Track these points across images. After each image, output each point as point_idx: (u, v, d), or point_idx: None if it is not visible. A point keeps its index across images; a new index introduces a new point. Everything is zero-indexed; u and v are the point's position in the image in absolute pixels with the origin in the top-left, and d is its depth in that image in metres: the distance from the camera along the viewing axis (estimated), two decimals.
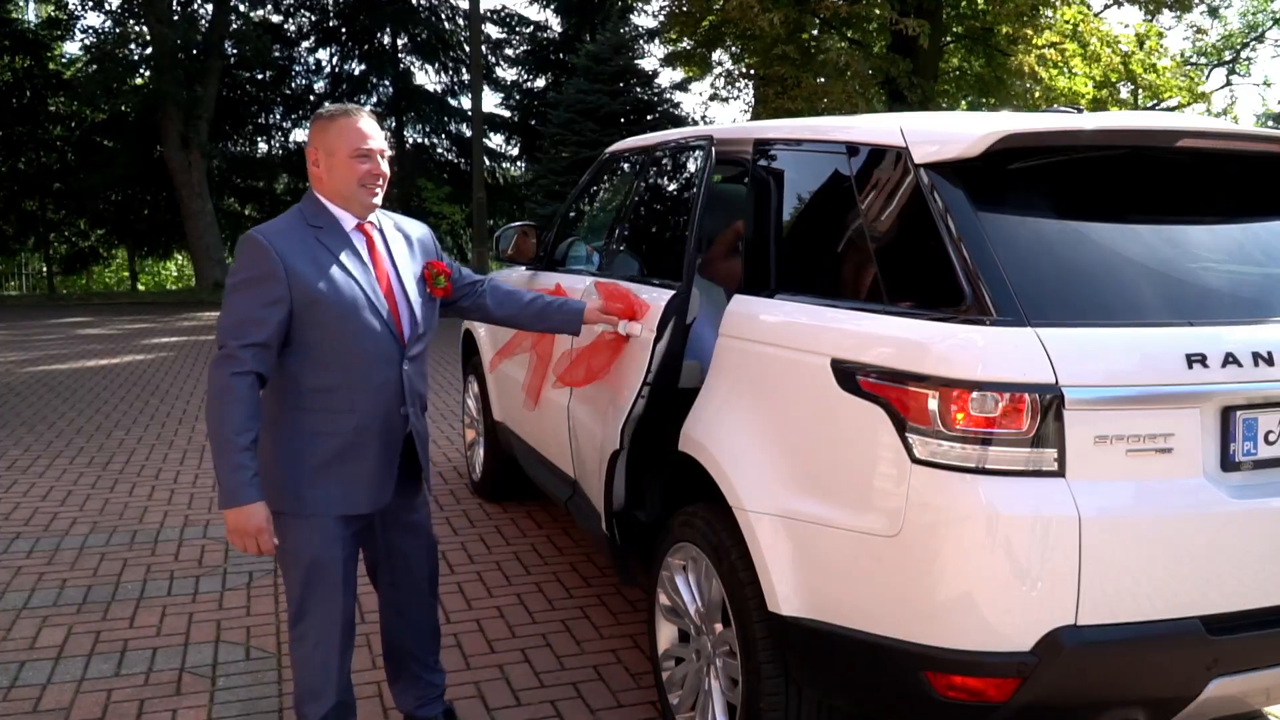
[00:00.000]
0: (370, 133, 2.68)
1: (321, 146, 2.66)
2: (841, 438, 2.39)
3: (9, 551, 4.87)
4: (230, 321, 2.53)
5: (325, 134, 2.67)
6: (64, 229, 24.85)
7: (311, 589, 2.73)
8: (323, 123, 2.68)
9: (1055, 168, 2.49)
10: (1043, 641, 2.11)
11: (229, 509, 2.53)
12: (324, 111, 2.71)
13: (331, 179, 2.67)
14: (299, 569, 2.73)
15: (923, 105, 15.05)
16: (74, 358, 11.54)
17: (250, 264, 2.55)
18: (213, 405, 2.51)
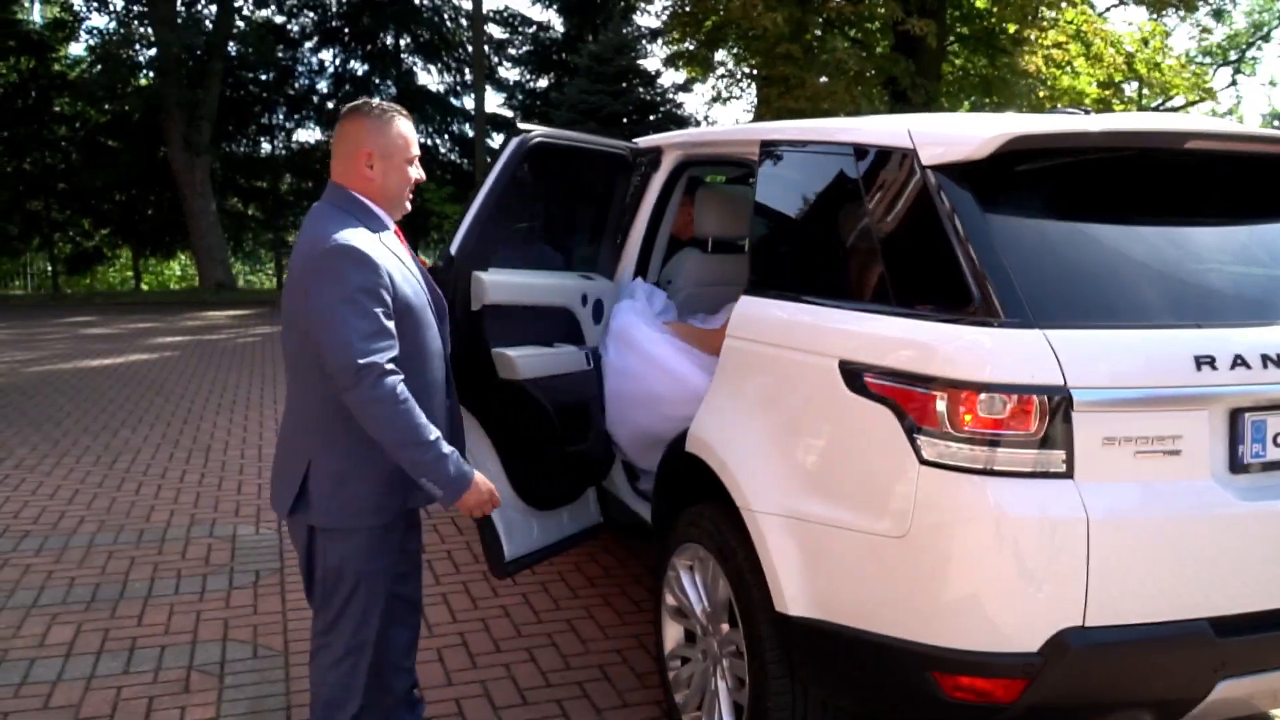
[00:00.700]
0: (415, 138, 2.64)
1: (377, 148, 2.53)
2: (849, 439, 2.40)
3: (18, 550, 4.89)
4: (362, 335, 2.33)
5: (383, 135, 2.54)
6: (68, 229, 24.88)
7: (356, 601, 2.60)
8: (379, 124, 2.53)
9: (1063, 169, 2.50)
10: (1050, 642, 2.12)
11: (463, 493, 2.48)
12: (373, 110, 2.55)
13: (385, 182, 2.55)
14: (348, 582, 2.58)
15: (926, 106, 15.05)
16: (79, 357, 11.56)
17: (360, 275, 2.36)
18: (391, 417, 2.35)
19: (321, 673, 2.67)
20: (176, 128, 20.41)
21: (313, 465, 2.50)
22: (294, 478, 2.53)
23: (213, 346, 12.60)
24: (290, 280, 2.50)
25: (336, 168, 2.56)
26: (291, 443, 2.57)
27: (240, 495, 5.84)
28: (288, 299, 2.49)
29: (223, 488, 6.00)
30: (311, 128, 26.34)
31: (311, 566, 2.62)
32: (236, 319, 16.25)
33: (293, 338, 2.51)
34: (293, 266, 2.51)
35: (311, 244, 2.42)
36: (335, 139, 2.58)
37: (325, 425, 2.49)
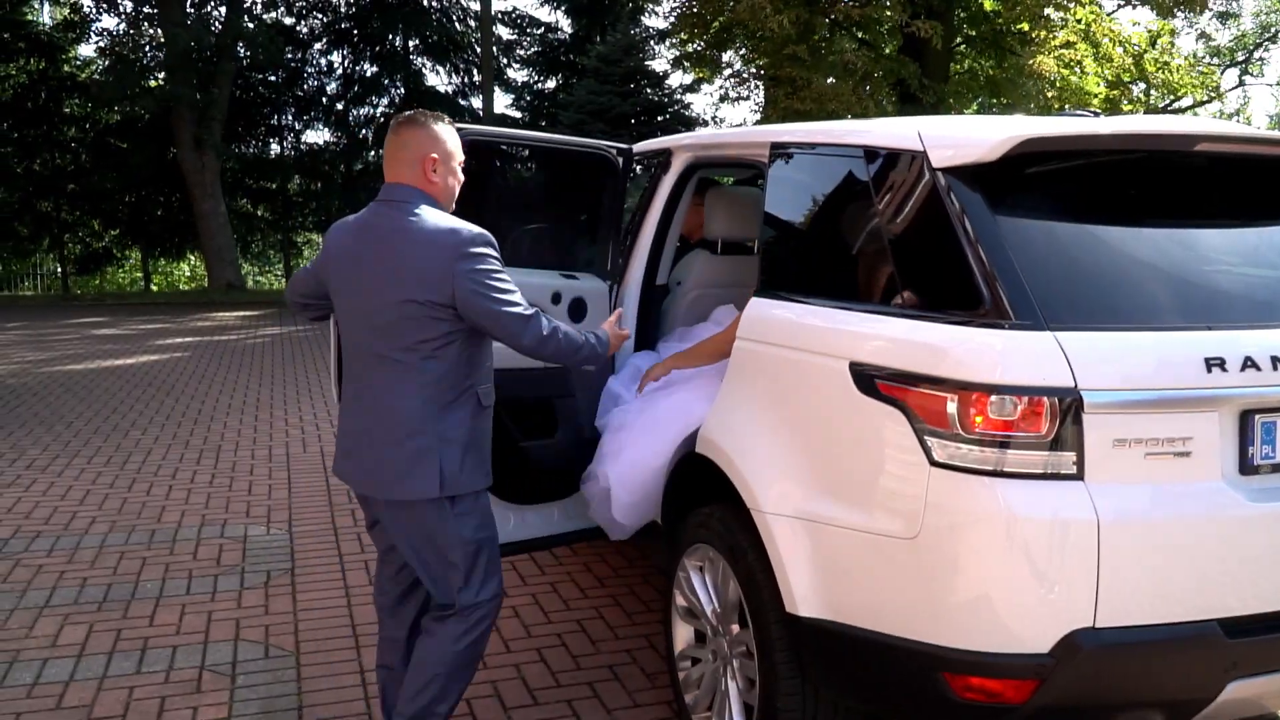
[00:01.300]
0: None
1: (440, 153, 2.73)
2: (859, 440, 2.41)
3: (30, 550, 4.92)
4: (518, 298, 2.67)
5: (442, 142, 2.74)
6: (78, 230, 24.99)
7: (493, 563, 2.82)
8: (435, 130, 2.73)
9: (1073, 171, 2.50)
10: (1061, 643, 2.13)
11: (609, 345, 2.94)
12: (426, 118, 2.74)
13: (446, 186, 2.76)
14: (486, 547, 2.80)
15: (934, 107, 15.05)
16: (89, 358, 11.62)
17: (497, 255, 2.68)
18: (557, 337, 2.73)
19: (450, 646, 2.78)
20: (186, 129, 20.48)
21: (443, 441, 2.65)
22: (430, 458, 2.64)
23: (223, 347, 12.64)
24: (405, 273, 2.60)
25: (402, 172, 2.71)
26: (414, 427, 2.65)
27: (251, 496, 5.87)
28: (407, 291, 2.59)
29: (233, 488, 6.03)
30: (320, 129, 26.45)
31: (437, 552, 2.74)
32: (246, 320, 16.31)
33: (413, 326, 2.62)
34: (415, 259, 2.60)
35: (445, 234, 2.61)
36: (395, 146, 2.73)
37: (447, 402, 2.67)
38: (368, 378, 2.71)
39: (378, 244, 2.65)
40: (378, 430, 2.69)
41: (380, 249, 2.65)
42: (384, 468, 2.68)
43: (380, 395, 2.68)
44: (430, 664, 2.78)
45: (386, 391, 2.67)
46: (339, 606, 4.21)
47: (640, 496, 3.45)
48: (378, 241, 2.66)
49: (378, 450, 2.70)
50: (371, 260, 2.66)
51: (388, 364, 2.66)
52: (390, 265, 2.61)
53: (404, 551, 2.81)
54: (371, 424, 2.70)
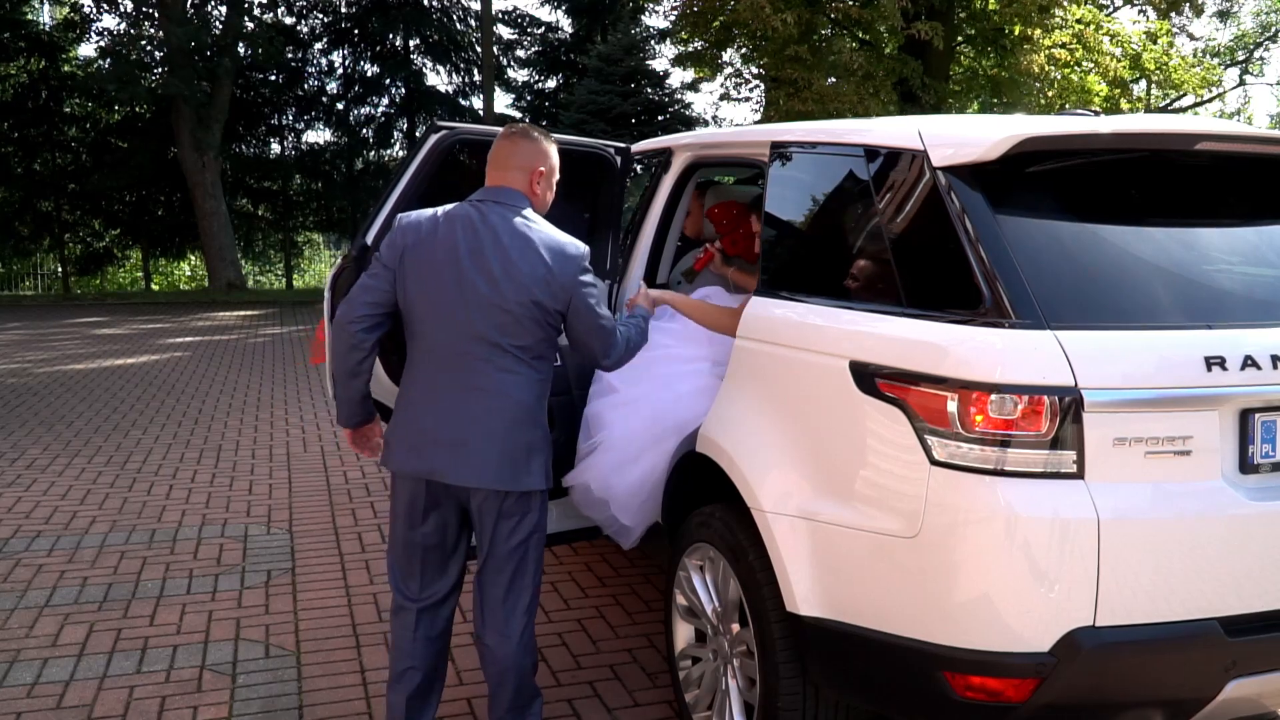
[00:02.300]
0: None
1: (548, 167, 2.87)
2: (860, 439, 2.41)
3: (30, 549, 4.92)
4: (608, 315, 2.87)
5: (551, 158, 2.88)
6: (79, 230, 24.97)
7: (542, 558, 2.94)
8: (546, 146, 2.86)
9: (1073, 170, 2.50)
10: (1061, 642, 2.13)
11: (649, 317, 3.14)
12: (537, 131, 2.86)
13: (544, 200, 2.88)
14: (541, 542, 2.91)
15: (935, 107, 15.04)
16: (90, 357, 11.62)
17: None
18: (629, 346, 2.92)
19: (530, 638, 2.88)
20: (187, 128, 20.48)
21: (545, 436, 2.80)
22: (540, 452, 2.77)
23: (223, 347, 12.65)
24: (533, 276, 2.68)
25: (511, 178, 2.80)
26: (517, 425, 2.73)
27: (251, 495, 5.87)
28: (533, 293, 2.68)
29: (234, 488, 6.03)
30: (321, 129, 26.43)
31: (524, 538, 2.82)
32: (247, 319, 16.31)
33: (531, 325, 2.71)
34: (542, 264, 2.69)
35: (571, 246, 2.76)
36: (506, 152, 2.81)
37: (539, 403, 2.81)
38: (466, 370, 2.70)
39: (495, 241, 2.69)
40: (488, 422, 2.70)
41: (500, 246, 2.69)
42: (495, 459, 2.70)
43: (490, 382, 2.70)
44: (517, 659, 2.87)
45: (503, 383, 2.71)
46: (339, 606, 4.21)
47: (642, 495, 3.42)
48: (495, 238, 2.70)
49: (488, 442, 2.70)
50: (487, 255, 2.68)
51: (506, 358, 2.71)
52: (514, 263, 2.67)
53: (495, 549, 2.81)
54: (478, 416, 2.70)
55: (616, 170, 3.94)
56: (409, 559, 2.89)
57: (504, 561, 2.83)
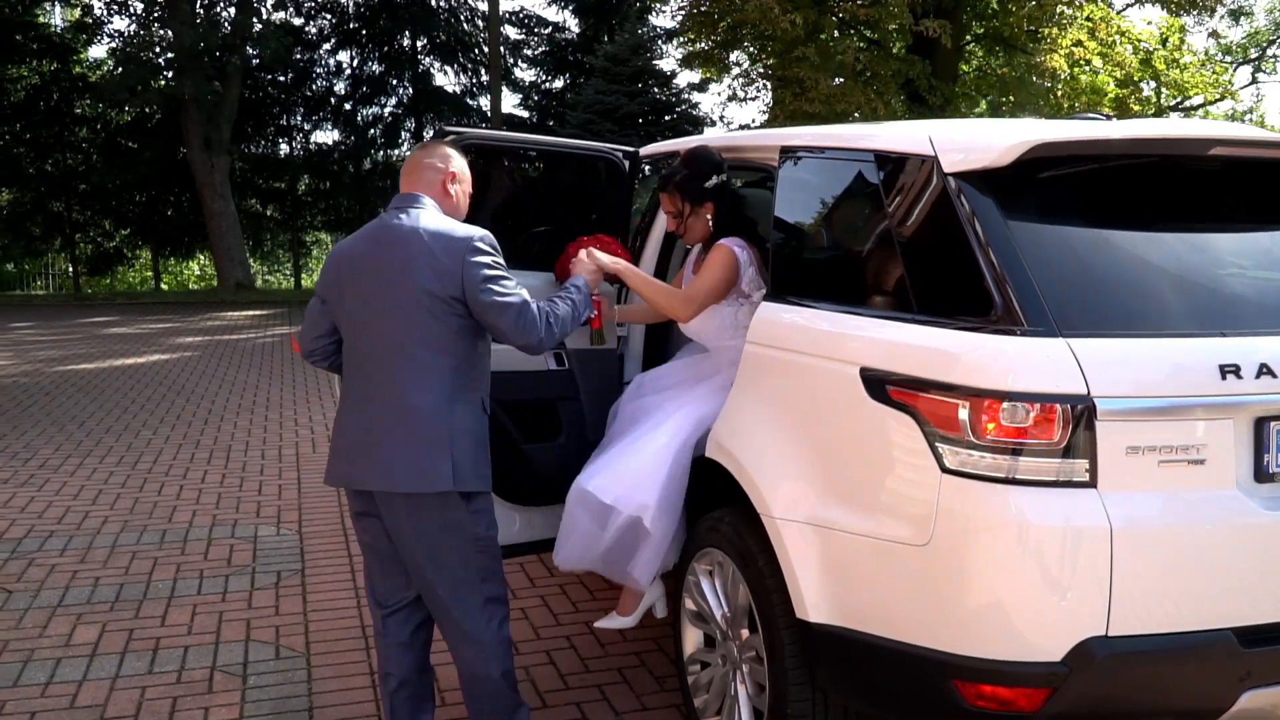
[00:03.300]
0: None
1: (460, 173, 2.92)
2: (870, 446, 2.40)
3: (43, 549, 4.94)
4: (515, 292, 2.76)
5: (461, 163, 2.93)
6: (89, 230, 25.10)
7: (500, 563, 2.87)
8: (455, 153, 2.94)
9: (1085, 176, 2.50)
10: (1074, 652, 2.12)
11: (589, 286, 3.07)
12: (447, 143, 2.95)
13: (458, 204, 2.92)
14: (495, 545, 2.85)
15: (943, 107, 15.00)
16: (100, 357, 11.66)
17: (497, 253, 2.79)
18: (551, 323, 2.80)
19: (495, 646, 2.83)
20: (196, 129, 20.53)
21: (454, 435, 2.68)
22: (444, 450, 2.67)
23: (232, 347, 12.68)
24: (421, 267, 2.67)
25: (419, 184, 2.85)
26: (429, 419, 2.68)
27: (261, 496, 5.89)
28: (423, 283, 2.66)
29: (244, 488, 6.05)
30: (329, 129, 26.49)
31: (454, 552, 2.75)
32: (255, 319, 16.35)
33: (427, 319, 2.68)
34: (430, 253, 2.67)
35: (458, 231, 2.73)
36: (416, 161, 2.90)
37: (458, 395, 2.72)
38: (379, 375, 2.72)
39: (393, 243, 2.72)
40: (393, 424, 2.69)
41: (396, 247, 2.71)
42: (400, 461, 2.68)
43: (396, 386, 2.69)
44: (484, 670, 2.82)
45: (403, 382, 2.69)
46: (349, 607, 4.22)
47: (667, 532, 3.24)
48: (393, 241, 2.72)
49: (394, 445, 2.69)
50: (388, 257, 2.72)
51: (403, 358, 2.69)
52: (407, 259, 2.68)
53: (414, 556, 2.76)
54: (386, 418, 2.70)
55: (624, 174, 3.95)
56: (368, 564, 2.96)
57: (431, 569, 2.77)
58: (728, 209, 3.40)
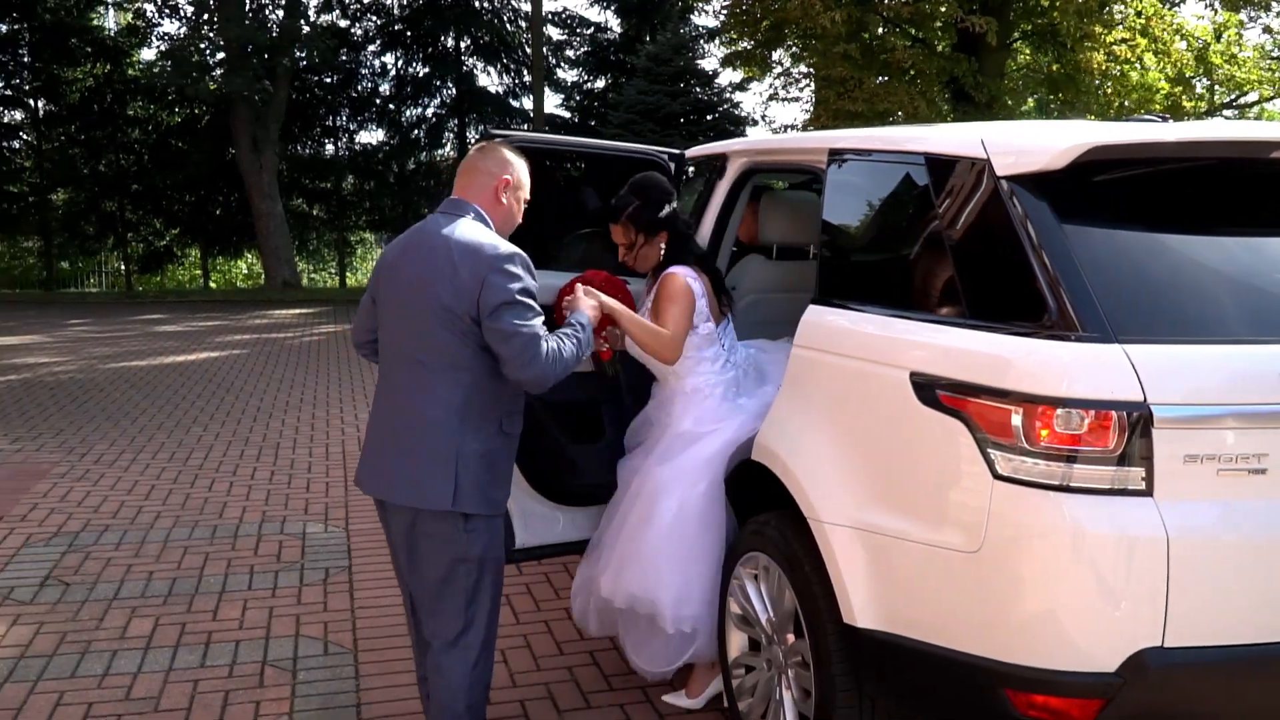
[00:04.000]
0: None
1: (514, 179, 2.78)
2: (920, 451, 2.39)
3: (99, 543, 5.05)
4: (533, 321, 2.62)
5: (518, 170, 2.79)
6: (141, 229, 25.57)
7: (493, 592, 2.74)
8: (513, 158, 2.79)
9: (1142, 179, 2.46)
10: (1128, 662, 2.09)
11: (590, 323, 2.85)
12: (506, 145, 2.80)
13: (510, 213, 2.79)
14: (488, 572, 2.72)
15: (989, 105, 14.81)
16: (152, 354, 11.88)
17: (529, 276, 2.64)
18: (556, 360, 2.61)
19: (463, 678, 2.70)
20: (245, 130, 20.84)
21: (460, 454, 2.60)
22: (446, 469, 2.59)
23: (280, 345, 12.86)
24: (442, 281, 2.58)
25: (470, 189, 2.74)
26: (434, 435, 2.61)
27: (309, 493, 5.97)
28: (441, 298, 2.57)
29: (292, 485, 6.13)
30: (373, 129, 26.75)
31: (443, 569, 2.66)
32: (302, 317, 16.56)
33: (442, 333, 2.59)
34: (454, 266, 2.57)
35: (486, 247, 2.60)
36: (470, 164, 2.78)
37: (471, 413, 2.63)
38: (397, 381, 2.70)
39: (423, 252, 2.66)
40: (403, 434, 2.66)
41: (424, 257, 2.64)
42: (403, 472, 2.65)
43: (407, 398, 2.66)
44: (448, 701, 2.72)
45: (413, 394, 2.65)
46: (394, 605, 4.26)
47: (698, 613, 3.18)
48: (424, 250, 2.66)
49: (400, 456, 2.66)
50: (416, 263, 2.66)
51: (417, 367, 2.64)
52: (431, 271, 2.61)
53: (404, 563, 2.77)
54: (397, 427, 2.68)
55: (670, 176, 3.95)
56: (394, 562, 2.90)
57: (426, 586, 2.72)
58: (681, 238, 3.33)
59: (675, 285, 3.19)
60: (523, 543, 3.57)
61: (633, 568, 3.16)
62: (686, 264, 3.26)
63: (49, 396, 9.05)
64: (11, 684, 3.57)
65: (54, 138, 24.26)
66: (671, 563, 3.13)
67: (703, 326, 3.23)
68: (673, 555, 3.13)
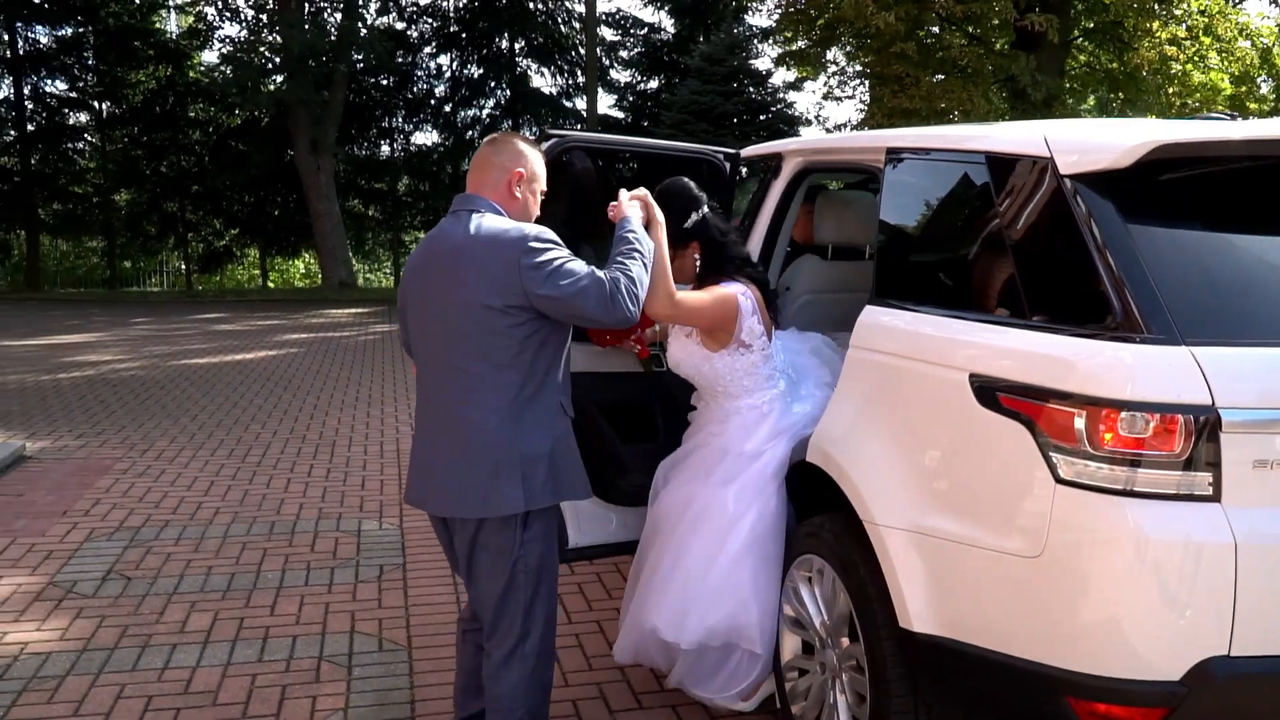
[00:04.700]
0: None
1: (528, 172, 2.71)
2: (980, 454, 2.35)
3: (160, 538, 5.16)
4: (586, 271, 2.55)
5: (532, 162, 2.73)
6: (201, 229, 26.17)
7: (549, 595, 2.69)
8: (527, 150, 2.73)
9: (1209, 178, 2.40)
10: (1193, 671, 2.04)
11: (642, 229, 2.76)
12: (520, 138, 2.76)
13: (526, 206, 2.72)
14: (546, 575, 2.68)
15: (1047, 104, 14.57)
16: (211, 352, 12.12)
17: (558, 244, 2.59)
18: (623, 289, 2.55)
19: (522, 686, 2.66)
20: (303, 131, 21.20)
21: (525, 456, 2.56)
22: (512, 474, 2.55)
23: (336, 344, 13.05)
24: (474, 281, 2.52)
25: (483, 184, 2.68)
26: (493, 442, 2.55)
27: (364, 491, 6.04)
28: (479, 298, 2.51)
29: (347, 483, 6.22)
30: (428, 130, 27.07)
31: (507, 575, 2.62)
32: (357, 316, 16.79)
33: (483, 337, 2.53)
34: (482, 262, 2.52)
35: (509, 233, 2.54)
36: (481, 159, 2.71)
37: (527, 411, 2.58)
38: (443, 392, 2.62)
39: (445, 255, 2.59)
40: (458, 446, 2.59)
41: (448, 260, 2.58)
42: (468, 485, 2.57)
43: (456, 410, 2.58)
44: (509, 706, 2.67)
45: (462, 405, 2.57)
46: (448, 602, 4.30)
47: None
48: (445, 253, 2.59)
49: (458, 468, 2.59)
50: (438, 270, 2.60)
51: (461, 375, 2.57)
52: (460, 274, 2.54)
53: (467, 579, 2.73)
54: (449, 442, 2.61)
55: (726, 175, 3.94)
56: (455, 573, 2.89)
57: (485, 597, 2.67)
58: (715, 245, 3.16)
59: (723, 290, 3.06)
60: (575, 543, 3.59)
61: (707, 604, 3.04)
62: (734, 279, 3.11)
63: (112, 394, 9.27)
64: (74, 676, 3.65)
65: (117, 139, 24.95)
66: (756, 584, 3.06)
67: (758, 344, 3.10)
68: (757, 576, 3.06)
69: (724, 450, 3.17)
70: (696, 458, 3.25)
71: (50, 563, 4.78)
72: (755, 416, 3.15)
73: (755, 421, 3.15)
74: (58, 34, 23.66)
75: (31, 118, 23.60)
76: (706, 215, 3.15)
